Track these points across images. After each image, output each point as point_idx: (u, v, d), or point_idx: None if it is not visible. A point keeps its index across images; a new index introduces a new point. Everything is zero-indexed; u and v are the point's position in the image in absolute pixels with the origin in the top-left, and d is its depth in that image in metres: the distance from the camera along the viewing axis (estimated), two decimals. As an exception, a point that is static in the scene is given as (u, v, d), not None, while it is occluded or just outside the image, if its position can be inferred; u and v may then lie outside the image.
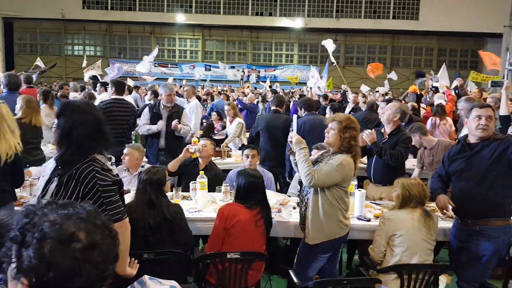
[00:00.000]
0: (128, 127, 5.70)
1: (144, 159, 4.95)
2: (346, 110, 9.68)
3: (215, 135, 7.67)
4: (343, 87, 12.47)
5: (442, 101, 8.07)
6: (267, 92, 13.79)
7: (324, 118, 4.40)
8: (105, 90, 8.25)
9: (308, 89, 12.35)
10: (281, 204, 4.00)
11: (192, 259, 3.24)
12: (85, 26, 30.32)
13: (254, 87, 22.14)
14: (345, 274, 4.33)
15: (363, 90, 16.70)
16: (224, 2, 28.72)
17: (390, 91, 17.41)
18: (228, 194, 4.03)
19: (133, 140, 6.29)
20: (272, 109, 5.92)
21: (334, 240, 3.11)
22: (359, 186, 4.22)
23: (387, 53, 30.75)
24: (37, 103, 5.06)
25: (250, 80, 18.41)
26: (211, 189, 4.27)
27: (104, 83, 9.02)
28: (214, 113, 9.36)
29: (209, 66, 28.90)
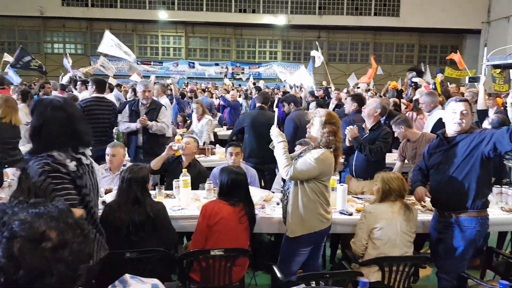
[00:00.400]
0: (109, 126, 5.66)
1: (126, 158, 4.94)
2: (330, 107, 9.74)
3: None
4: (324, 84, 12.51)
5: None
6: (251, 89, 13.79)
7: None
8: (85, 88, 8.17)
9: (293, 85, 12.33)
10: (265, 200, 4.03)
11: (175, 257, 3.25)
12: (64, 24, 29.80)
13: (238, 84, 22.14)
14: (329, 268, 4.38)
15: (351, 84, 16.78)
16: (207, -1, 28.65)
17: (373, 87, 17.57)
18: (211, 191, 4.04)
19: (114, 138, 6.24)
20: (257, 105, 5.92)
21: (314, 233, 3.14)
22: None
23: (369, 49, 30.95)
24: (15, 102, 5.01)
25: (244, 78, 18.39)
26: (195, 186, 4.27)
27: (84, 81, 8.92)
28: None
29: (192, 63, 28.73)
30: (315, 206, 3.11)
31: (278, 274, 3.01)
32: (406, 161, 4.88)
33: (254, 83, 15.17)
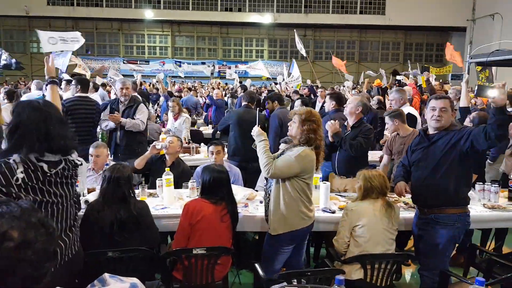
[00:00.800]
0: (93, 125, 5.61)
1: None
2: (317, 105, 9.75)
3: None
4: (309, 82, 12.53)
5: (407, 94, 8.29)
6: (237, 88, 13.75)
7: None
8: (70, 88, 8.07)
9: (279, 84, 12.34)
10: (248, 198, 4.02)
11: (158, 256, 3.23)
12: (50, 23, 29.38)
13: (225, 83, 22.07)
14: (313, 267, 4.39)
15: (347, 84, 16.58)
16: (192, -3, 28.53)
17: (359, 85, 17.62)
18: (195, 190, 4.03)
19: (99, 138, 6.19)
20: (243, 104, 5.91)
21: (296, 231, 3.15)
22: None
23: (355, 47, 31.16)
24: (-2, 101, 4.93)
25: (229, 77, 18.20)
26: (179, 185, 4.26)
27: (69, 81, 8.82)
28: (185, 109, 9.30)
29: (179, 62, 28.59)
30: (297, 204, 3.11)
31: (260, 272, 3.01)
32: (392, 155, 4.83)
33: (240, 82, 15.14)
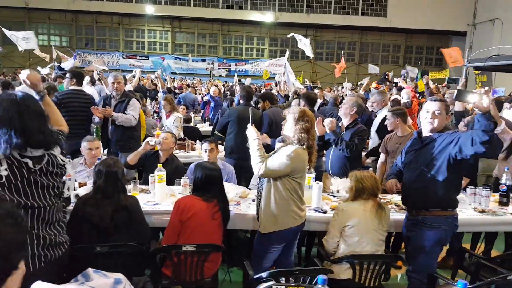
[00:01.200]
0: (87, 119, 5.58)
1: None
2: (315, 107, 9.71)
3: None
4: (306, 82, 12.50)
5: (406, 97, 8.34)
6: (236, 86, 13.75)
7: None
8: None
9: (279, 83, 12.30)
10: (240, 196, 4.01)
11: (147, 252, 3.22)
12: (50, 15, 29.40)
13: (224, 81, 22.05)
14: (303, 266, 4.39)
15: (348, 87, 16.54)
16: (194, -6, 28.49)
17: (358, 87, 17.63)
18: (187, 187, 4.01)
19: (93, 132, 6.17)
20: (242, 102, 5.84)
21: (286, 230, 3.13)
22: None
23: (356, 49, 31.17)
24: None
25: (216, 74, 18.05)
26: (172, 182, 4.24)
27: (62, 74, 8.81)
28: (183, 106, 9.30)
29: (179, 58, 28.54)
30: (288, 203, 3.10)
31: (249, 271, 3.01)
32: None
33: (239, 80, 15.13)
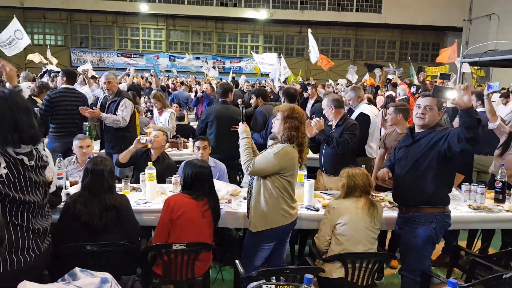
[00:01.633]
0: (79, 118, 5.55)
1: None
2: (309, 102, 9.67)
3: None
4: (300, 79, 12.48)
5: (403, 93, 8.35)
6: (230, 83, 13.70)
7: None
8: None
9: (269, 80, 12.30)
10: (232, 194, 3.98)
11: (138, 251, 3.19)
12: (45, 14, 29.27)
13: (219, 78, 21.97)
14: (298, 264, 4.36)
15: (353, 80, 16.35)
16: (188, -9, 28.36)
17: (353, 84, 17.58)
18: (178, 185, 3.98)
19: (86, 131, 6.13)
20: (220, 100, 5.61)
21: (277, 228, 3.11)
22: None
23: (351, 45, 31.15)
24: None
25: (210, 74, 17.89)
26: (164, 180, 4.21)
27: (56, 73, 8.76)
28: (175, 104, 9.25)
29: (173, 56, 28.44)
30: (278, 202, 3.07)
31: (240, 269, 2.98)
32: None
33: (233, 77, 15.08)
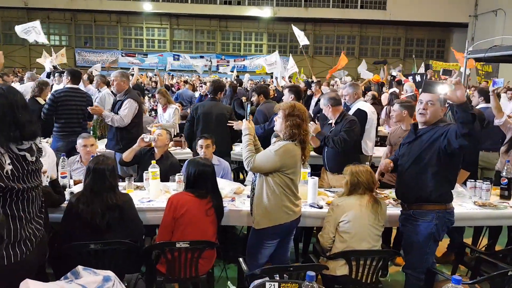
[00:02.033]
0: (83, 117, 5.57)
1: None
2: (313, 100, 9.65)
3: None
4: (304, 77, 12.45)
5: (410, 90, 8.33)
6: (234, 81, 13.71)
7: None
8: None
9: (274, 79, 12.30)
10: (235, 193, 3.97)
11: (141, 250, 3.19)
12: (49, 15, 29.38)
13: (225, 77, 21.99)
14: (302, 262, 4.36)
15: (365, 77, 16.23)
16: (191, -10, 28.36)
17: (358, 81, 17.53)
18: (181, 183, 3.98)
19: (90, 130, 6.16)
20: (209, 96, 5.58)
21: (280, 225, 3.09)
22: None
23: (356, 42, 31.01)
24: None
25: (222, 71, 17.94)
26: (167, 179, 4.22)
27: (59, 73, 8.79)
28: (178, 103, 9.25)
29: (177, 55, 28.48)
30: (280, 199, 3.06)
31: (243, 267, 2.98)
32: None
33: (237, 76, 15.08)
